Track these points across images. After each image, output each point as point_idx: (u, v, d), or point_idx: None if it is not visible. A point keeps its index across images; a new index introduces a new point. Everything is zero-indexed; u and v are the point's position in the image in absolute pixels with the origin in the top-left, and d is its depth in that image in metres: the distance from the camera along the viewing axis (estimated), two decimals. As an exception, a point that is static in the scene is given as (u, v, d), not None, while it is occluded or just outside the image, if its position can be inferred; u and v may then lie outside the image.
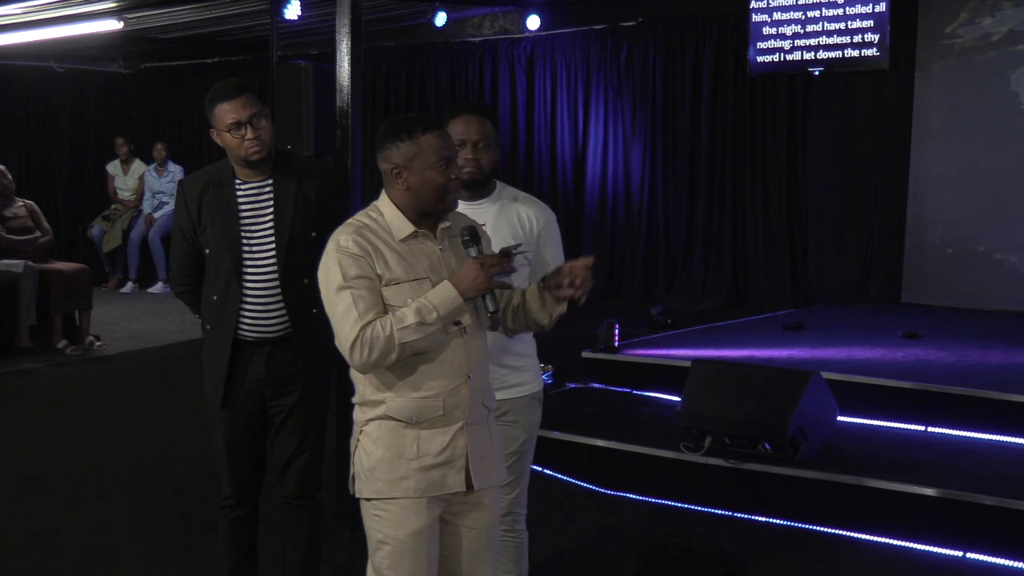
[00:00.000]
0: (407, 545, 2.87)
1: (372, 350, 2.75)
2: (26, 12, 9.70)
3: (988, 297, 8.49)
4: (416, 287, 2.83)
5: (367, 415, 2.90)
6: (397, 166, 2.86)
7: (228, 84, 3.69)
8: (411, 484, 2.86)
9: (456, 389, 2.87)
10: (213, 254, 3.69)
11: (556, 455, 5.71)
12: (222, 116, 3.62)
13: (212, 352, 3.76)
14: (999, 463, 5.12)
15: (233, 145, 3.63)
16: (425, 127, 2.86)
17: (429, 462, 2.86)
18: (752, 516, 5.05)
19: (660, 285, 10.31)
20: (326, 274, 2.86)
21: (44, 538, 4.89)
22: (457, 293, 2.79)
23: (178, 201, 3.82)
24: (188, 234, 3.75)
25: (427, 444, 2.86)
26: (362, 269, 2.81)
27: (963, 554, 4.55)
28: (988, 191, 8.63)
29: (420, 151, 2.83)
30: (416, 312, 2.76)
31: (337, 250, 2.83)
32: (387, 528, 2.88)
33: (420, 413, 2.85)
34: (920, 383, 5.84)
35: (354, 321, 2.76)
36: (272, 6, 8.91)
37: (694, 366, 5.54)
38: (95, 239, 12.39)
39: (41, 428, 6.79)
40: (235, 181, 3.71)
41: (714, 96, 9.97)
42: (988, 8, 8.58)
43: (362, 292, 2.79)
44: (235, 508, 3.85)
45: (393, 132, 2.87)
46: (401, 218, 2.88)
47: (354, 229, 2.86)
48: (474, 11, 11.10)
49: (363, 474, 2.90)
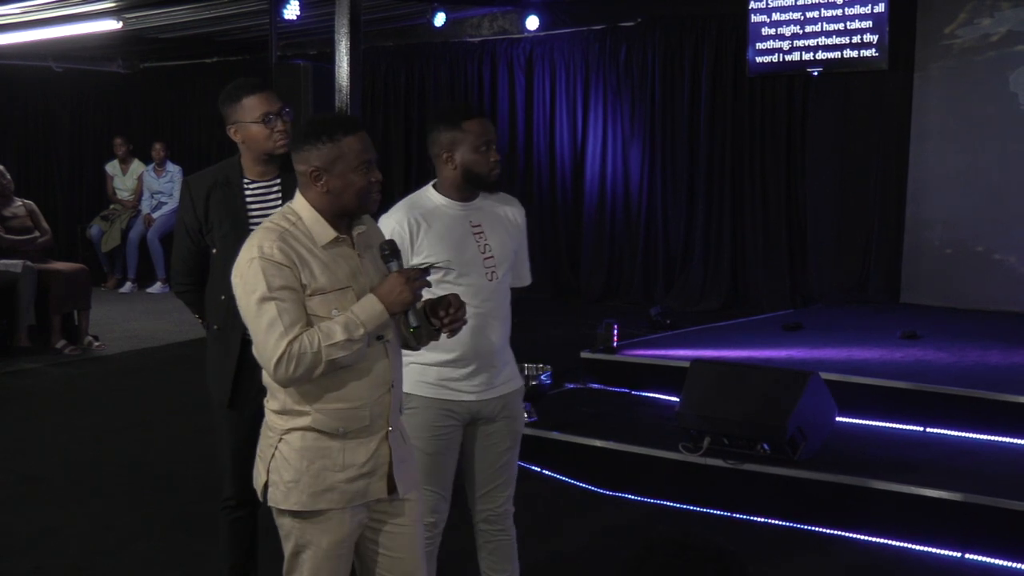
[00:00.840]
0: (329, 553, 2.86)
1: (298, 365, 2.70)
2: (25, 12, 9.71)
3: (987, 297, 8.50)
4: (340, 296, 2.78)
5: (288, 424, 2.83)
6: (316, 168, 2.79)
7: (250, 80, 3.73)
8: (335, 496, 2.83)
9: (380, 398, 2.86)
10: (222, 253, 3.65)
11: (555, 455, 5.72)
12: (251, 108, 3.63)
13: (219, 352, 3.75)
14: (998, 463, 5.12)
15: (262, 137, 3.64)
16: (347, 130, 2.80)
17: (354, 473, 2.84)
18: (751, 516, 5.06)
19: (659, 285, 10.32)
20: (245, 281, 2.77)
21: (43, 538, 4.89)
22: (383, 308, 2.76)
23: (183, 200, 3.80)
24: (194, 233, 3.73)
25: (352, 455, 2.83)
26: (287, 279, 2.73)
27: (961, 554, 4.55)
28: (987, 191, 8.64)
29: (342, 154, 2.77)
30: (344, 328, 2.72)
31: (261, 258, 2.74)
32: (308, 537, 2.85)
33: (346, 423, 2.81)
34: (919, 383, 5.85)
35: (280, 335, 2.70)
36: (271, 6, 8.91)
37: (693, 366, 5.54)
38: (94, 239, 12.38)
39: (40, 428, 6.79)
40: (243, 180, 3.71)
41: (713, 96, 9.97)
42: (987, 9, 8.59)
43: (287, 304, 2.72)
44: (236, 508, 3.85)
45: (313, 134, 2.79)
46: (321, 222, 2.82)
47: (277, 235, 2.78)
48: (473, 11, 11.11)
49: (282, 484, 2.83)
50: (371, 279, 2.85)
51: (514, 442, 3.65)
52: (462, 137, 3.46)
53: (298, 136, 2.85)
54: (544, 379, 5.85)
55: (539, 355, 6.17)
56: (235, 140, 3.71)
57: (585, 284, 10.85)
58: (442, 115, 3.53)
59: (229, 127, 3.70)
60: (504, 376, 3.60)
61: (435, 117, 3.56)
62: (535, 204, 11.13)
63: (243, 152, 3.72)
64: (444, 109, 3.58)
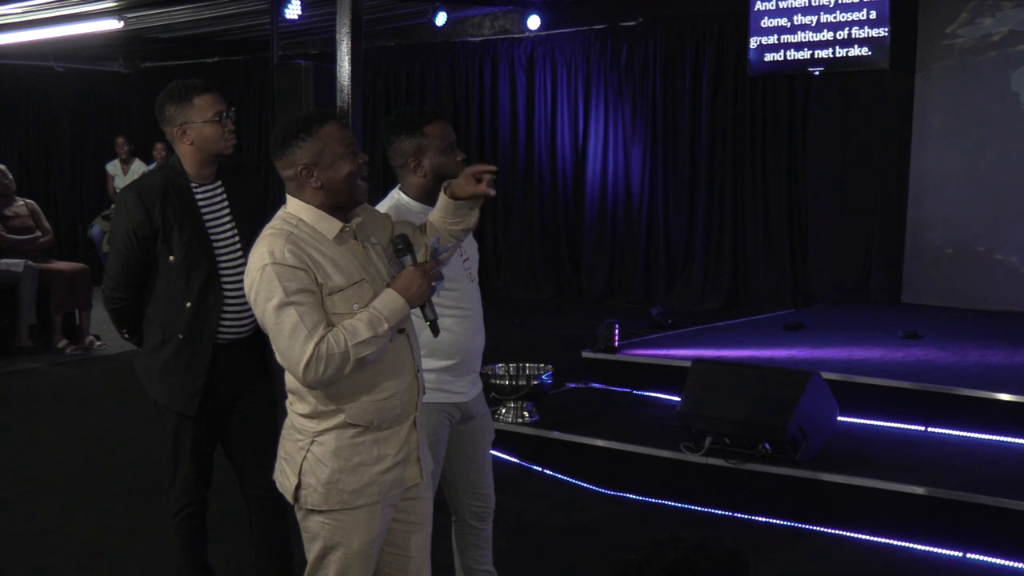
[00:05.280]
0: (360, 553, 2.86)
1: (328, 367, 2.68)
2: (26, 11, 9.71)
3: (988, 297, 8.49)
4: (357, 290, 2.78)
5: (320, 426, 2.82)
6: (305, 165, 2.77)
7: (195, 80, 3.65)
8: (374, 489, 2.84)
9: (408, 386, 2.89)
10: (184, 261, 3.55)
11: (556, 455, 5.72)
12: (203, 107, 3.56)
13: (180, 361, 3.60)
14: (999, 463, 5.11)
15: (215, 137, 3.57)
16: (321, 121, 2.79)
17: (389, 463, 2.86)
18: (752, 516, 5.05)
19: (660, 285, 10.32)
20: (259, 288, 2.74)
21: (45, 538, 4.89)
22: (404, 302, 2.77)
23: (131, 209, 3.57)
24: (144, 242, 3.57)
25: (386, 446, 2.85)
26: (302, 282, 2.71)
27: (963, 554, 4.55)
28: (989, 191, 8.63)
29: (325, 144, 2.76)
30: (368, 325, 2.71)
31: (273, 263, 2.72)
32: (339, 537, 2.85)
33: (380, 416, 2.82)
34: (920, 383, 5.84)
35: (304, 338, 2.68)
36: (272, 6, 8.91)
37: (694, 366, 5.54)
38: (95, 239, 12.38)
39: (41, 428, 6.79)
40: (191, 184, 3.61)
41: (714, 96, 9.98)
42: (988, 8, 8.58)
43: (306, 307, 2.70)
44: (198, 515, 3.76)
45: (291, 134, 2.78)
46: (324, 217, 2.80)
47: (285, 238, 2.75)
48: (474, 11, 11.11)
49: (320, 487, 2.82)
50: (379, 269, 2.86)
51: (492, 436, 3.75)
52: (427, 142, 3.39)
53: (276, 141, 2.81)
54: (545, 379, 5.85)
55: (540, 355, 6.17)
56: (180, 142, 3.59)
57: (586, 284, 10.85)
58: (400, 123, 3.43)
59: (174, 128, 3.57)
60: (478, 383, 3.65)
61: (393, 126, 3.45)
62: (536, 204, 11.14)
63: (189, 154, 3.59)
64: (401, 117, 3.48)
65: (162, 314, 3.62)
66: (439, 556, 3.63)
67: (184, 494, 3.73)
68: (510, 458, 5.77)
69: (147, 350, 3.71)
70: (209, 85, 3.66)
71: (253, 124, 12.60)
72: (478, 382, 3.64)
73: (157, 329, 3.65)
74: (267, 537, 3.82)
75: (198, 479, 3.73)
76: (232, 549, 4.35)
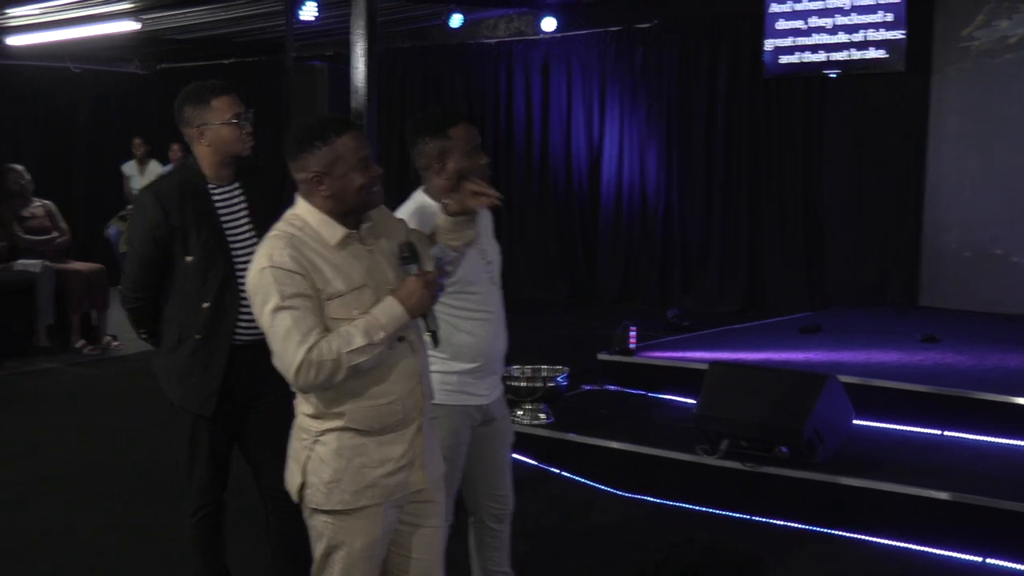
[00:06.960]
0: (362, 554, 2.86)
1: (319, 372, 2.68)
2: (44, 13, 9.76)
3: (1006, 301, 8.46)
4: (357, 296, 2.76)
5: (323, 426, 2.82)
6: (317, 173, 2.76)
7: (214, 81, 3.65)
8: (376, 492, 2.83)
9: (411, 391, 2.87)
10: (202, 262, 3.56)
11: (572, 457, 5.71)
12: (221, 109, 3.57)
13: (197, 361, 3.62)
14: (1017, 468, 5.09)
15: (232, 139, 3.58)
16: (339, 130, 2.77)
17: (393, 467, 2.85)
18: (768, 519, 5.04)
19: (676, 287, 10.31)
20: (257, 290, 2.75)
21: (62, 538, 4.91)
22: (404, 311, 2.75)
23: (149, 209, 3.59)
24: (162, 242, 3.58)
25: (389, 450, 2.84)
26: (299, 287, 2.71)
27: (983, 559, 4.52)
28: (1005, 194, 8.60)
29: (339, 155, 2.74)
30: (364, 333, 2.70)
31: (272, 267, 2.72)
32: (341, 537, 2.85)
33: (381, 421, 2.81)
34: (938, 387, 5.82)
35: (297, 343, 2.68)
36: (288, 7, 8.94)
37: (711, 369, 5.53)
38: (112, 239, 12.41)
39: (58, 427, 6.82)
40: (208, 186, 3.62)
41: (730, 98, 9.96)
42: (1005, 11, 8.55)
43: (301, 312, 2.70)
44: (214, 515, 3.78)
45: (307, 139, 2.76)
46: (329, 222, 2.79)
47: (286, 242, 2.74)
48: (489, 13, 11.12)
49: (322, 486, 2.83)
50: (385, 274, 2.83)
51: (512, 438, 3.74)
52: (451, 145, 3.39)
53: (291, 144, 2.80)
54: (561, 380, 5.85)
55: (556, 356, 6.16)
56: (198, 143, 3.60)
57: (602, 286, 10.84)
58: (425, 125, 3.44)
59: (192, 130, 3.59)
60: (498, 384, 3.66)
61: (418, 128, 3.45)
62: (552, 206, 11.14)
63: (206, 155, 3.61)
64: (426, 119, 3.49)
65: (179, 314, 3.63)
66: (456, 556, 3.63)
67: (201, 494, 3.75)
68: (526, 459, 5.77)
69: (164, 350, 3.73)
70: (227, 87, 3.66)
71: (269, 125, 12.62)
72: (499, 384, 3.65)
73: (174, 329, 3.66)
74: (284, 538, 3.83)
75: (214, 479, 3.75)
76: (249, 550, 4.35)
